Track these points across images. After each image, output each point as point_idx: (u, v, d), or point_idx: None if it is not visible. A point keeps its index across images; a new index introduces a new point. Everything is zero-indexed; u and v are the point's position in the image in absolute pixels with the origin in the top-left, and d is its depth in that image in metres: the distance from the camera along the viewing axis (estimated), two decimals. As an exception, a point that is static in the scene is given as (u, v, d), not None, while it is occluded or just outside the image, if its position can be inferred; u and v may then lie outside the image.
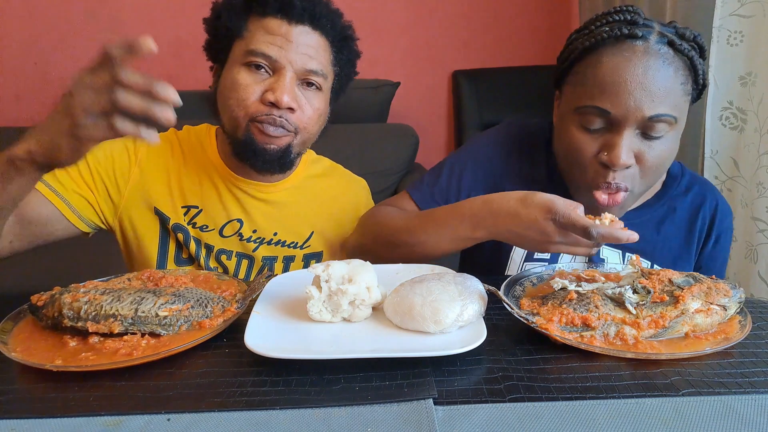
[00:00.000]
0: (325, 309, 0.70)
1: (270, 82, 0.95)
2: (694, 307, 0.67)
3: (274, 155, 0.98)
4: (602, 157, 0.84)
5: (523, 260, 0.99)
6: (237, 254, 1.06)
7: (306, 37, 0.96)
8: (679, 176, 1.00)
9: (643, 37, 0.82)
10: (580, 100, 0.85)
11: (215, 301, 0.72)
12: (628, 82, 0.80)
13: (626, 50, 0.82)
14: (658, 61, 0.81)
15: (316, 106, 1.00)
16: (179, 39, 2.80)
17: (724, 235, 1.00)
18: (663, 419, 0.52)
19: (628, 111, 0.80)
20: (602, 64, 0.83)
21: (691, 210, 0.99)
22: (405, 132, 2.68)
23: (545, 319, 0.68)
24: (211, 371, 0.62)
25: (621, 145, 0.81)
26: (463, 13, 2.85)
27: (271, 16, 0.95)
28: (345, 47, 1.04)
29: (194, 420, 0.53)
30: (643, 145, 0.83)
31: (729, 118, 1.50)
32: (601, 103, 0.82)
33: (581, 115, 0.85)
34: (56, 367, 0.60)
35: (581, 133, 0.86)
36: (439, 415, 0.54)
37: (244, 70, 0.95)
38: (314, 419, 0.53)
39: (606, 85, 0.82)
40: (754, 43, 1.43)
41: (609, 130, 0.84)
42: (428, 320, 0.65)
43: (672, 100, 0.81)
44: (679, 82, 0.82)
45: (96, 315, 0.65)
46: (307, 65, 0.96)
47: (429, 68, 2.90)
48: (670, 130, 0.83)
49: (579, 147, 0.86)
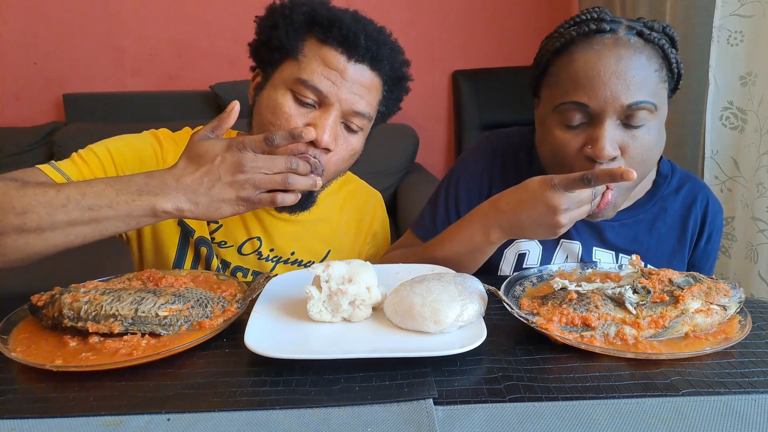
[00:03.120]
0: (325, 309, 0.70)
1: (314, 117, 0.90)
2: (694, 307, 0.67)
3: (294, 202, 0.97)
4: (587, 151, 0.84)
5: (516, 258, 0.99)
6: (254, 272, 1.05)
7: (361, 76, 0.91)
8: (669, 175, 1.01)
9: (612, 31, 0.83)
10: (558, 99, 0.86)
11: (215, 301, 0.72)
12: (602, 73, 0.81)
13: (596, 44, 0.83)
14: (629, 50, 0.82)
15: (353, 146, 0.95)
16: (179, 39, 2.80)
17: (716, 233, 1.01)
18: (663, 419, 0.52)
19: (606, 101, 0.81)
20: (575, 61, 0.84)
21: (682, 209, 0.99)
22: (405, 132, 2.69)
23: (545, 319, 0.68)
24: (211, 371, 0.62)
25: (603, 136, 0.82)
26: (463, 13, 2.85)
27: (331, 46, 0.89)
28: (396, 87, 1.00)
29: (194, 420, 0.53)
30: (627, 135, 0.83)
31: (729, 118, 1.50)
32: (578, 98, 0.82)
33: (561, 113, 0.85)
34: (56, 367, 0.60)
35: (563, 131, 0.86)
36: (439, 415, 0.54)
37: (290, 98, 0.90)
38: (314, 419, 0.53)
39: (580, 79, 0.82)
40: (754, 43, 1.43)
41: (590, 124, 0.84)
42: (428, 320, 0.65)
43: (649, 88, 0.82)
44: (653, 69, 0.83)
45: (96, 315, 0.65)
46: (356, 106, 0.91)
47: (429, 68, 2.90)
48: (651, 118, 0.83)
49: (563, 145, 0.86)
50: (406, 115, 2.80)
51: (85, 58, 2.78)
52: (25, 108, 2.81)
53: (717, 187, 1.54)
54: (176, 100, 2.72)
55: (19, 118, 2.79)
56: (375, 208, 1.19)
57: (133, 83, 2.82)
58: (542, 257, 0.99)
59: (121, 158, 0.95)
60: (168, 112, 2.63)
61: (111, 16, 2.74)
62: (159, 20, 2.77)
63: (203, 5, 2.76)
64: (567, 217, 0.78)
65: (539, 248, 0.99)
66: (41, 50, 2.76)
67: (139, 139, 1.00)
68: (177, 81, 2.83)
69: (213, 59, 2.81)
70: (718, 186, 1.54)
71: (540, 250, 0.99)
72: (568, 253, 0.99)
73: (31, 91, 2.80)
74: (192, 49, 2.81)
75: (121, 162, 0.94)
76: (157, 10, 2.76)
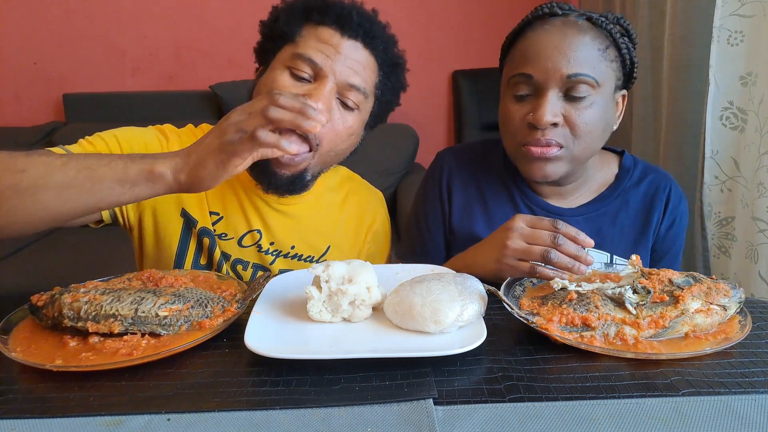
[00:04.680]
0: (325, 309, 0.70)
1: (308, 88, 0.92)
2: (694, 307, 0.67)
3: (283, 180, 0.95)
4: (528, 118, 0.91)
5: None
6: (254, 265, 1.05)
7: (356, 52, 0.94)
8: (631, 168, 1.05)
9: (563, 15, 0.92)
10: (509, 73, 0.94)
11: (215, 301, 0.72)
12: (547, 48, 0.89)
13: (546, 24, 0.92)
14: (574, 29, 0.90)
15: (350, 123, 0.96)
16: (179, 39, 2.80)
17: (679, 219, 1.04)
18: (663, 419, 0.52)
19: (548, 72, 0.88)
20: (526, 39, 0.93)
21: (645, 199, 1.03)
22: (405, 132, 2.69)
23: (545, 319, 0.68)
24: (211, 371, 0.62)
25: (544, 104, 0.89)
26: (463, 13, 2.85)
27: (327, 26, 0.93)
28: (393, 74, 1.02)
29: (194, 420, 0.53)
30: (570, 107, 0.90)
31: (729, 118, 1.49)
32: (524, 69, 0.91)
33: (511, 86, 0.94)
34: (56, 367, 0.60)
35: (512, 102, 0.94)
36: (439, 415, 0.54)
37: (286, 73, 0.93)
38: (314, 419, 0.53)
39: (529, 53, 0.91)
40: (754, 43, 1.43)
41: (535, 96, 0.91)
42: (428, 320, 0.65)
43: (590, 63, 0.89)
44: (596, 48, 0.90)
45: (96, 315, 0.65)
46: (350, 79, 0.93)
47: (429, 68, 2.90)
48: (593, 93, 0.90)
49: (511, 115, 0.94)
50: (406, 115, 2.80)
51: (85, 58, 2.78)
52: (25, 108, 2.82)
53: (717, 187, 1.54)
54: (176, 100, 2.72)
55: (19, 118, 2.79)
56: (376, 207, 1.19)
57: (133, 83, 2.82)
58: None
59: (128, 146, 0.96)
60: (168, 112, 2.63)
61: (111, 16, 2.74)
62: (159, 20, 2.77)
63: (203, 5, 2.76)
64: (516, 243, 0.81)
65: None
66: (41, 50, 2.76)
67: (146, 132, 1.01)
68: (177, 81, 2.83)
69: (213, 59, 2.81)
70: (718, 186, 1.54)
71: None
72: None
73: (31, 91, 2.81)
74: (192, 49, 2.82)
75: (128, 149, 0.96)
76: (157, 10, 2.76)
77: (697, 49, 1.62)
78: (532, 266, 0.79)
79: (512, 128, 0.94)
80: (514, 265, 0.81)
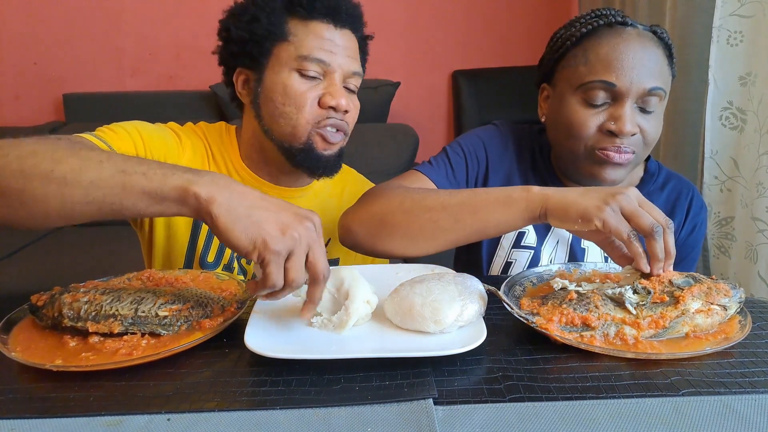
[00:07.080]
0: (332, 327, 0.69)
1: (323, 87, 0.96)
2: (695, 308, 0.67)
3: (331, 161, 1.00)
4: (609, 125, 0.89)
5: (511, 246, 1.02)
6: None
7: (349, 40, 0.98)
8: (656, 173, 1.05)
9: (632, 25, 0.92)
10: (584, 78, 0.91)
11: (215, 301, 0.72)
12: (630, 57, 0.88)
13: (622, 33, 0.91)
14: (651, 42, 0.91)
15: (357, 103, 1.03)
16: (179, 40, 2.80)
17: (699, 227, 1.04)
18: (663, 419, 0.52)
19: (632, 83, 0.88)
20: (603, 45, 0.90)
21: (667, 204, 1.03)
22: (405, 132, 2.68)
23: (545, 319, 0.68)
24: (211, 371, 0.62)
25: (627, 115, 0.88)
26: (463, 13, 2.85)
27: (317, 20, 0.95)
28: (365, 46, 1.06)
29: (194, 420, 0.53)
30: (640, 118, 0.90)
31: (729, 118, 1.50)
32: (607, 77, 0.88)
33: (585, 92, 0.91)
34: (56, 367, 0.60)
35: (585, 108, 0.91)
36: (439, 415, 0.54)
37: (297, 77, 0.95)
38: (314, 419, 0.53)
39: (610, 60, 0.89)
40: (754, 43, 1.43)
41: (611, 104, 0.90)
42: (428, 320, 0.65)
43: (663, 77, 0.91)
44: (665, 62, 0.92)
45: (96, 315, 0.65)
46: (352, 68, 0.98)
47: (429, 68, 2.90)
48: (659, 105, 0.92)
49: (583, 121, 0.91)
50: (406, 115, 2.80)
51: (85, 58, 2.78)
52: (25, 108, 2.81)
53: (717, 187, 1.54)
54: (176, 100, 2.71)
55: (19, 118, 2.79)
56: None
57: (133, 83, 2.82)
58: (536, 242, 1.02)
59: (150, 141, 0.94)
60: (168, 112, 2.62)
61: (111, 16, 2.74)
62: (159, 20, 2.77)
63: (203, 5, 2.76)
64: (629, 201, 0.73)
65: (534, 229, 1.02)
66: (41, 50, 2.76)
67: (161, 129, 1.00)
68: (177, 81, 2.83)
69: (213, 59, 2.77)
70: (717, 186, 1.54)
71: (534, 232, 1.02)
72: (559, 238, 1.02)
73: (31, 91, 2.80)
74: (192, 49, 2.81)
75: (150, 145, 0.94)
76: (157, 10, 2.76)
77: (697, 49, 1.62)
78: (630, 233, 0.72)
79: (584, 133, 0.91)
80: (617, 217, 0.72)
